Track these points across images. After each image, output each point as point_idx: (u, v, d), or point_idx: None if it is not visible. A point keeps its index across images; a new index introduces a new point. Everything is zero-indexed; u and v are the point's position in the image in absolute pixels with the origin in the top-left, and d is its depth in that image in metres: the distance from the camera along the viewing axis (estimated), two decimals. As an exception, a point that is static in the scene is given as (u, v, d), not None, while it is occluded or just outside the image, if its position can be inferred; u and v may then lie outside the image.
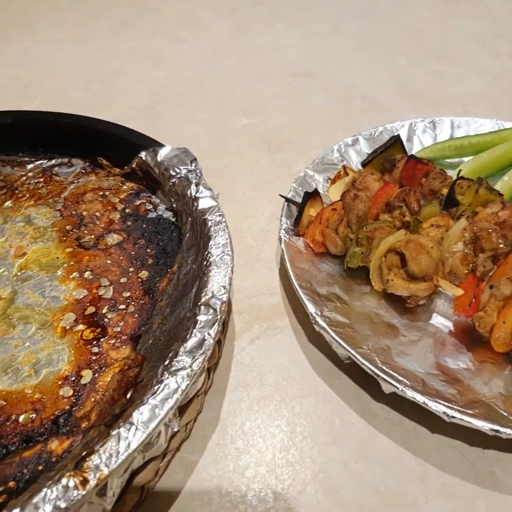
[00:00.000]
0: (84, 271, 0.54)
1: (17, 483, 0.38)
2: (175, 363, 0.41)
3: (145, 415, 0.38)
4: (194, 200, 0.56)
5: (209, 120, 0.86)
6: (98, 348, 0.47)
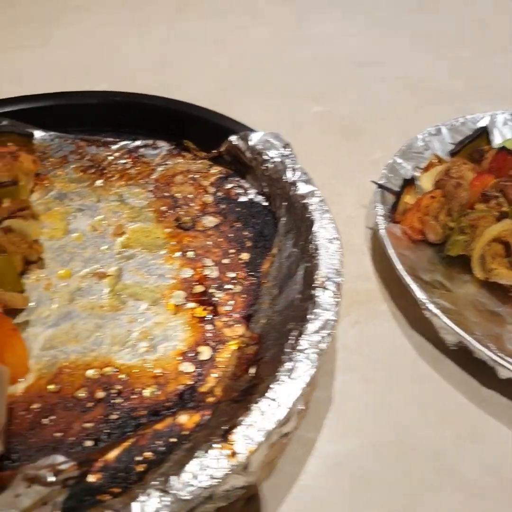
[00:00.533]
0: (186, 251, 0.54)
1: (154, 454, 0.39)
2: (301, 341, 0.42)
3: (283, 391, 0.38)
4: (292, 185, 0.57)
5: (279, 107, 0.85)
6: (211, 326, 0.48)
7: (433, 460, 0.45)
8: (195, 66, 0.95)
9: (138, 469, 0.38)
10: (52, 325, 0.47)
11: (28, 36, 1.02)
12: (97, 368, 0.44)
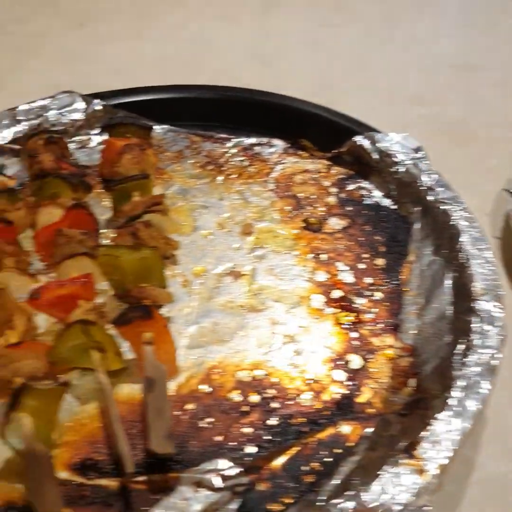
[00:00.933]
0: (318, 253, 0.53)
1: (321, 465, 0.38)
2: (470, 357, 0.39)
3: (463, 408, 0.36)
4: (429, 189, 0.54)
5: (382, 108, 0.82)
6: (357, 334, 0.46)
7: None
8: (292, 63, 0.93)
9: (307, 480, 0.37)
10: (193, 323, 0.46)
11: (122, 29, 1.02)
12: (248, 370, 0.43)
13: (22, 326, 0.44)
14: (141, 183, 0.54)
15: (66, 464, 0.38)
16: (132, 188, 0.54)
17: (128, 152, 0.55)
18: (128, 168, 0.55)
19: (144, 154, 0.57)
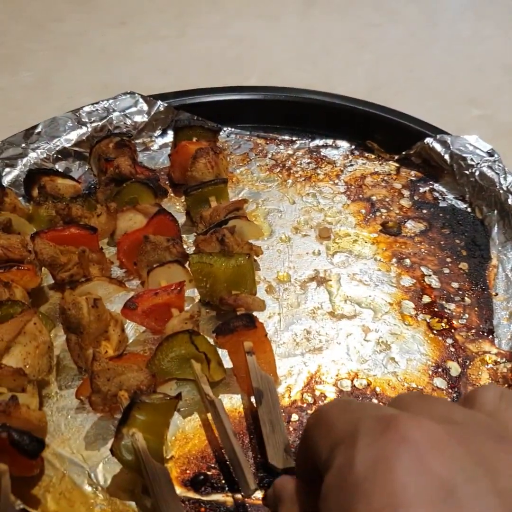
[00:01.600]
0: (401, 258, 0.52)
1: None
2: None
3: None
4: (508, 192, 0.54)
5: (436, 109, 0.80)
6: (452, 340, 0.45)
7: None
8: (340, 63, 0.92)
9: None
10: (285, 330, 0.46)
11: (164, 27, 1.01)
12: (347, 379, 0.42)
13: (117, 337, 0.44)
14: (218, 188, 0.53)
15: (178, 480, 0.37)
16: (209, 193, 0.54)
17: (204, 156, 0.54)
18: (203, 173, 0.55)
19: (218, 157, 0.56)
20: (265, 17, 1.05)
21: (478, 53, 0.95)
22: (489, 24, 1.04)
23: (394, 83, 0.87)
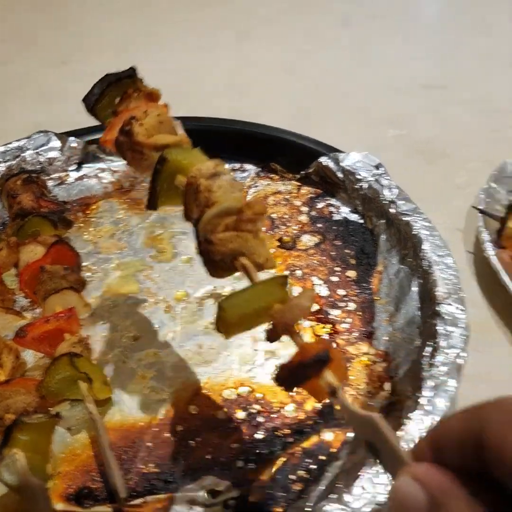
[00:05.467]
0: (293, 270, 0.56)
1: (307, 472, 0.40)
2: (438, 358, 0.42)
3: (434, 406, 0.39)
4: (391, 203, 0.58)
5: (356, 130, 0.86)
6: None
7: None
8: (269, 91, 0.97)
9: (295, 488, 0.39)
10: (178, 347, 0.49)
11: (104, 65, 1.03)
12: (232, 388, 0.45)
13: (10, 364, 0.46)
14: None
15: (62, 495, 0.39)
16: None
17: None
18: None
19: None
20: (202, 50, 1.09)
21: (401, 74, 1.01)
22: (414, 47, 1.10)
23: (319, 107, 0.91)
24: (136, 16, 1.26)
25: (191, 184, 0.40)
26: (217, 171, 0.40)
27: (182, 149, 0.42)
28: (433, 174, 0.76)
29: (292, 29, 1.18)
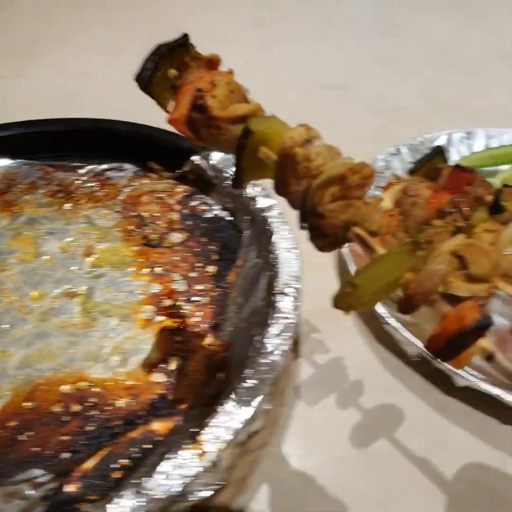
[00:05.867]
0: (154, 267, 0.57)
1: (130, 461, 0.41)
2: (265, 345, 0.45)
3: (246, 392, 0.41)
4: (252, 199, 0.60)
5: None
6: (181, 337, 0.50)
7: (402, 468, 0.47)
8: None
9: (114, 476, 0.40)
10: (26, 345, 0.49)
11: (2, 67, 1.03)
12: (72, 383, 0.46)
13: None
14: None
15: None
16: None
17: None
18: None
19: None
20: (107, 54, 1.08)
21: (301, 75, 1.03)
22: (321, 48, 1.12)
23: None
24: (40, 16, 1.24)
25: (285, 155, 0.37)
26: (310, 136, 0.38)
27: (262, 118, 0.40)
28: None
29: (201, 28, 1.20)
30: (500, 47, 1.17)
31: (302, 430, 0.49)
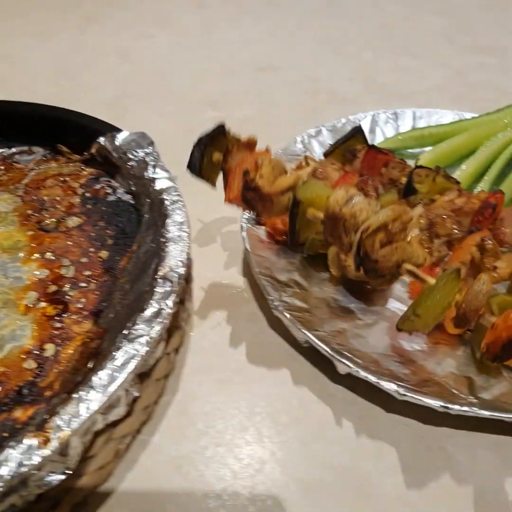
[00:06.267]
0: (45, 252, 0.55)
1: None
2: (133, 331, 0.44)
3: (105, 379, 0.40)
4: (151, 181, 0.58)
5: (175, 113, 0.86)
6: (60, 324, 0.49)
7: (275, 458, 0.46)
8: (96, 77, 0.96)
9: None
10: None
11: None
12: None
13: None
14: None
15: None
16: None
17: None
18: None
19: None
20: (39, 36, 1.06)
21: (238, 57, 1.02)
22: (261, 29, 1.11)
23: (142, 92, 0.91)
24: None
25: (334, 216, 0.45)
26: (349, 196, 0.46)
27: (305, 186, 0.48)
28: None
29: (142, 13, 1.17)
30: (448, 29, 1.15)
31: (178, 418, 0.48)
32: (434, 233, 0.56)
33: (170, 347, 0.51)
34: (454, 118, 0.78)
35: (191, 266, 0.59)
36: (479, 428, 0.48)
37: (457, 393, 0.47)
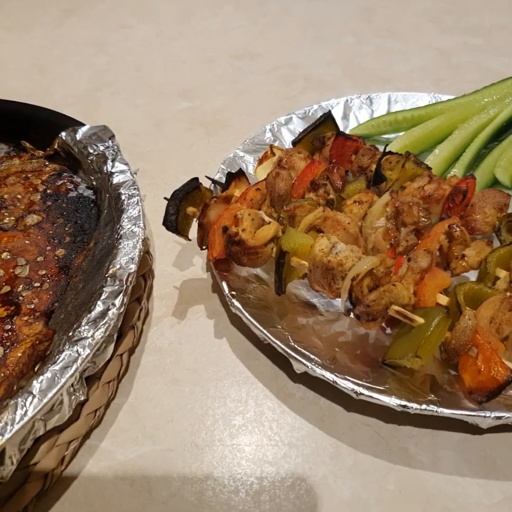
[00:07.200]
0: (2, 252, 0.54)
1: None
2: (77, 333, 0.42)
3: (44, 383, 0.39)
4: (110, 176, 0.57)
5: (147, 104, 0.85)
6: (10, 325, 0.48)
7: (222, 463, 0.45)
8: (70, 70, 0.94)
9: None
10: None
11: None
12: None
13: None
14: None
15: None
16: None
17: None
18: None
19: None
20: (16, 29, 1.04)
21: (216, 46, 0.99)
22: (242, 16, 1.08)
23: (114, 84, 0.89)
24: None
25: (321, 264, 0.46)
26: (332, 243, 0.47)
27: (287, 235, 0.49)
28: (209, 145, 0.76)
29: (121, 4, 1.14)
30: (432, 10, 1.11)
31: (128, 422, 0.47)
32: (401, 222, 0.54)
33: (123, 347, 0.49)
34: (430, 101, 0.75)
35: (151, 263, 0.58)
36: (443, 426, 0.46)
37: (417, 390, 0.45)
